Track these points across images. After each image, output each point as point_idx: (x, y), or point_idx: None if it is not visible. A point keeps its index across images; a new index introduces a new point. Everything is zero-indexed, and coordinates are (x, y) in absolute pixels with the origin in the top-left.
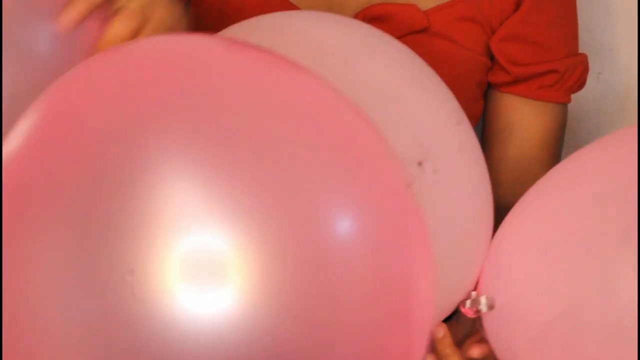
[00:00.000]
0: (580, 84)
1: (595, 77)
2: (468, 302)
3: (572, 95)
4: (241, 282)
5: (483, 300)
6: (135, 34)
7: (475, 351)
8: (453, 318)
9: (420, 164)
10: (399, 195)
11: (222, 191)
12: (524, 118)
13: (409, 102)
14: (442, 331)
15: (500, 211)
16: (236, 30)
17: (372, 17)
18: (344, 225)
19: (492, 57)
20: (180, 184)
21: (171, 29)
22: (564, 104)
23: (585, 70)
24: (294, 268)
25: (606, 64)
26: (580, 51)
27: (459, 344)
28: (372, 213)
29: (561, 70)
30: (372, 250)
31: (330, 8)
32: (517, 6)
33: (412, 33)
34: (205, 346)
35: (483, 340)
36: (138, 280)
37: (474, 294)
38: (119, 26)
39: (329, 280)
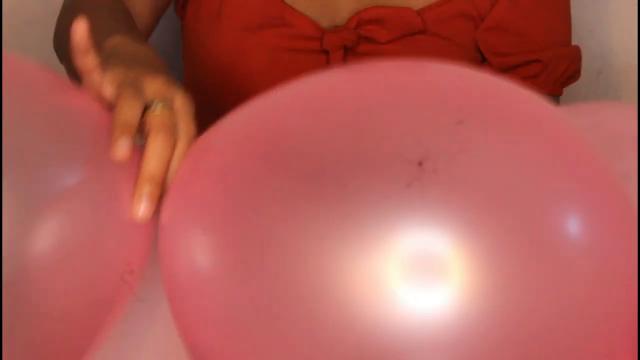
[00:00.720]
0: (570, 75)
1: (594, 77)
2: None
3: (571, 95)
4: (461, 280)
5: None
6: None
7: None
8: None
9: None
10: (617, 193)
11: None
12: None
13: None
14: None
15: None
16: None
17: (366, 21)
18: (565, 224)
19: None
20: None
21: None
22: (553, 95)
23: (575, 61)
24: (515, 267)
25: (606, 63)
26: (580, 51)
27: None
28: (595, 211)
29: (544, 60)
30: (597, 250)
31: (324, 10)
32: None
33: (407, 35)
34: (427, 342)
35: None
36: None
37: None
38: (160, 146)
39: (551, 280)
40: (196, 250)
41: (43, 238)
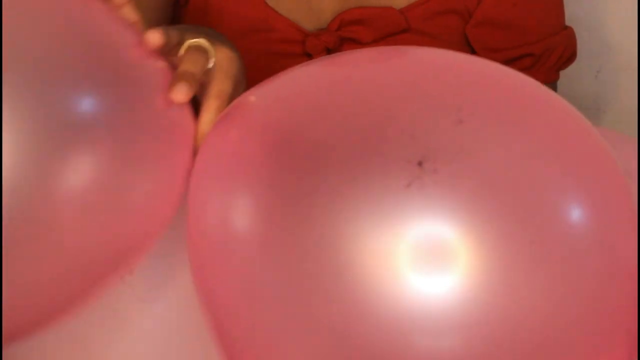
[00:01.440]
0: (566, 59)
1: (593, 76)
2: None
3: (571, 94)
4: (468, 265)
5: None
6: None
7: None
8: None
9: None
10: (620, 183)
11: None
12: None
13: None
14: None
15: None
16: None
17: (349, 21)
18: (568, 212)
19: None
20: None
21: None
22: (550, 83)
23: (569, 46)
24: (519, 253)
25: (605, 62)
26: (579, 50)
27: None
28: (597, 200)
29: (537, 53)
30: (600, 239)
31: (309, 12)
32: None
33: (391, 35)
34: (435, 324)
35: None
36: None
37: None
38: (189, 64)
39: (555, 266)
40: (232, 207)
41: (68, 173)
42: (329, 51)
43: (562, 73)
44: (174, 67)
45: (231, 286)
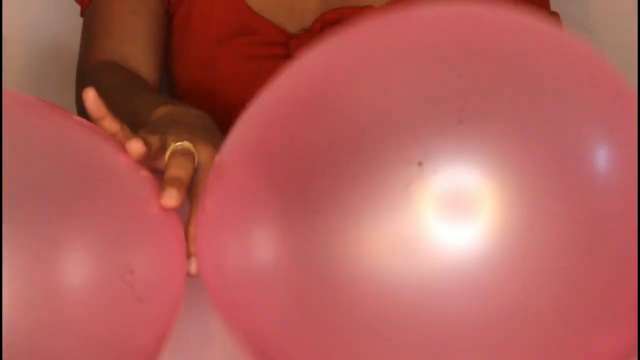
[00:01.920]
0: None
1: None
2: None
3: None
4: (494, 214)
5: None
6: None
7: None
8: None
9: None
10: None
11: (474, 126)
12: None
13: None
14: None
15: None
16: None
17: (330, 22)
18: (600, 158)
19: None
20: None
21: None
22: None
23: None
24: (549, 202)
25: None
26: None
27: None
28: (628, 146)
29: None
30: (626, 182)
31: (292, 15)
32: None
33: None
34: (459, 276)
35: None
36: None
37: None
38: (176, 169)
39: (587, 214)
40: (250, 240)
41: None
42: None
43: None
44: (159, 172)
45: (268, 319)
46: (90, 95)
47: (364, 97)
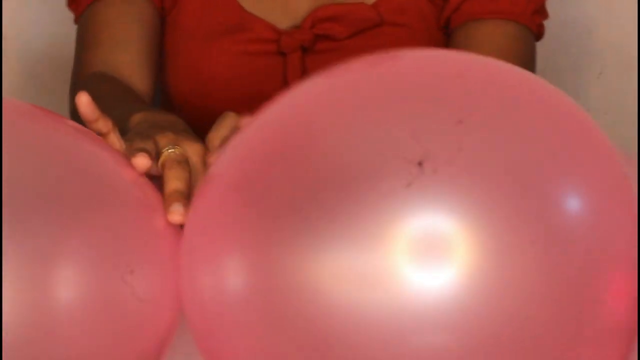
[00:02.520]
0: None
1: (595, 77)
2: None
3: (571, 95)
4: (466, 259)
5: None
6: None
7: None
8: None
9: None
10: (619, 175)
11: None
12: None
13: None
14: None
15: None
16: None
17: (322, 19)
18: (570, 203)
19: (446, 27)
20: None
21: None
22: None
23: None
24: (518, 247)
25: (606, 63)
26: (580, 51)
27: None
28: (597, 191)
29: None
30: (599, 228)
31: (283, 12)
32: None
33: (365, 30)
34: (432, 319)
35: None
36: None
37: None
38: (175, 182)
39: (550, 257)
40: (223, 271)
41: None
42: (304, 49)
43: (563, 73)
44: (152, 176)
45: (241, 349)
46: (83, 99)
47: (338, 145)
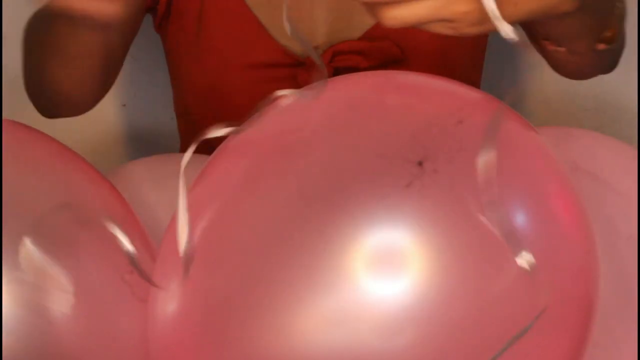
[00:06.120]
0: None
1: (595, 77)
2: None
3: (572, 95)
4: (419, 272)
5: None
6: None
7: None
8: None
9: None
10: (566, 193)
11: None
12: None
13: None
14: None
15: None
16: None
17: (341, 52)
18: (519, 217)
19: None
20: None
21: None
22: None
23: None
24: (466, 261)
25: None
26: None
27: None
28: (541, 213)
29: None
30: (544, 246)
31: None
32: None
33: (388, 64)
34: (388, 327)
35: None
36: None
37: None
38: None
39: (498, 274)
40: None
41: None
42: None
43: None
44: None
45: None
46: None
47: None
